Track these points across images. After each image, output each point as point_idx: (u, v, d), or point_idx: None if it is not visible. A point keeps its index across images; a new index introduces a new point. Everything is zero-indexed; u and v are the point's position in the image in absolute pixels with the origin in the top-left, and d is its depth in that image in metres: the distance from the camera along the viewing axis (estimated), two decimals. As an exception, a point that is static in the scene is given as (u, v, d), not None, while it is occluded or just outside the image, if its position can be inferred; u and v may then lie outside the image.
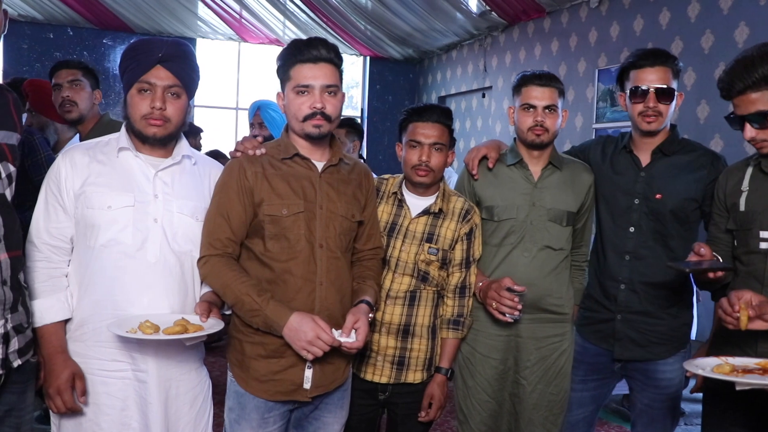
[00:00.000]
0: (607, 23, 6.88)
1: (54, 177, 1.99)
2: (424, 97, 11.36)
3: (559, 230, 2.52)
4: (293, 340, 1.94)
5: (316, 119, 2.06)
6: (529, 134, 2.48)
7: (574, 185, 2.54)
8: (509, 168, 2.55)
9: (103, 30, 9.96)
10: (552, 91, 2.47)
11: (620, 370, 2.55)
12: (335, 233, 2.12)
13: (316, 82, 2.05)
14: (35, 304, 1.93)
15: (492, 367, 2.53)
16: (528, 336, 2.52)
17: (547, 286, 2.49)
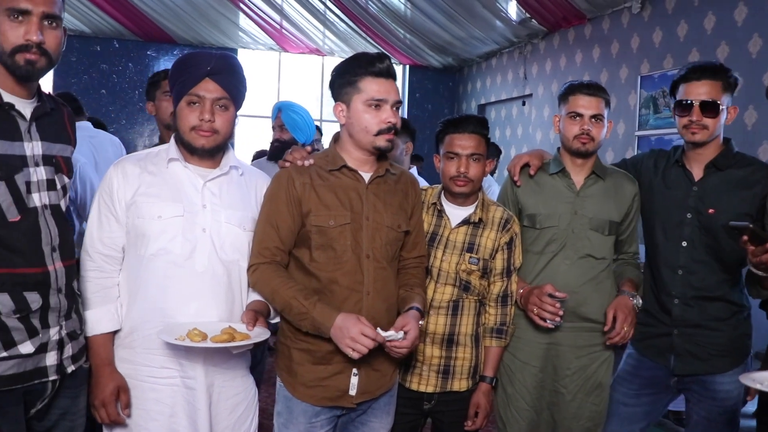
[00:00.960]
0: (649, 29, 6.78)
1: (106, 187, 2.04)
2: (463, 106, 11.34)
3: (601, 239, 2.51)
4: (339, 338, 1.95)
5: (390, 134, 2.10)
6: (575, 142, 2.47)
7: (617, 195, 2.53)
8: (552, 177, 2.56)
9: (147, 42, 10.18)
10: (599, 100, 2.48)
11: (676, 384, 2.50)
12: (381, 243, 2.14)
13: (389, 96, 2.08)
14: (86, 314, 1.98)
15: (531, 374, 2.52)
16: (567, 344, 2.51)
17: (587, 295, 2.48)
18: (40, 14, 1.71)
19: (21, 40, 1.70)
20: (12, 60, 1.71)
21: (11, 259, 1.72)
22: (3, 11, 1.69)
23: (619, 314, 2.42)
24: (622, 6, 7.17)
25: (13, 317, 1.72)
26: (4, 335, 1.71)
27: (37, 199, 1.79)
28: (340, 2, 8.76)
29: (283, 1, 8.96)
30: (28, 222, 1.76)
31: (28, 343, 1.75)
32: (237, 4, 9.20)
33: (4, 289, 1.70)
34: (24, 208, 1.75)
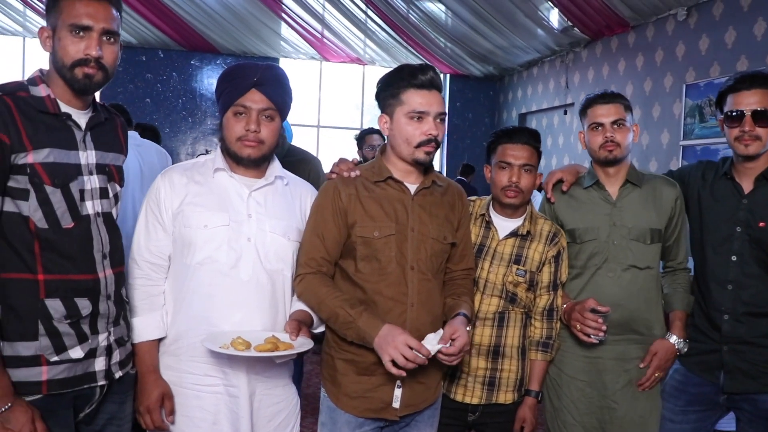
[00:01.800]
0: (695, 36, 6.66)
1: (154, 196, 2.07)
2: (504, 115, 11.28)
3: (644, 249, 2.46)
4: (381, 349, 1.93)
5: (430, 146, 2.09)
6: (601, 152, 2.46)
7: (657, 201, 2.49)
8: (587, 190, 2.54)
9: (191, 51, 10.37)
10: (617, 106, 2.46)
11: (726, 401, 2.43)
12: (426, 255, 2.13)
13: (431, 109, 2.07)
14: (133, 321, 2.02)
15: (578, 389, 2.49)
16: (615, 357, 2.46)
17: (635, 307, 2.43)
18: (100, 30, 1.78)
19: (81, 55, 1.76)
20: (71, 73, 1.77)
21: (64, 266, 1.77)
22: (65, 27, 1.75)
23: (656, 359, 2.42)
24: (666, 13, 7.07)
25: (64, 322, 1.76)
26: (56, 340, 1.75)
27: (90, 206, 1.84)
28: (381, 11, 8.81)
29: (325, 11, 9.05)
30: (81, 229, 1.81)
31: (78, 349, 1.79)
32: (279, 14, 9.31)
33: (57, 295, 1.75)
34: (77, 216, 1.80)
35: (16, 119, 1.70)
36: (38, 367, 1.73)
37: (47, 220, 1.74)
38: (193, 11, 9.02)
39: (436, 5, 8.64)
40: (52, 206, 1.75)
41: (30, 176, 1.71)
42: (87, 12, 1.76)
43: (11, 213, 1.72)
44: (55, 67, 1.80)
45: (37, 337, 1.73)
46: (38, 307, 1.73)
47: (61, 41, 1.76)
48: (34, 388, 1.73)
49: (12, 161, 1.69)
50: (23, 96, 1.75)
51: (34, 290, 1.73)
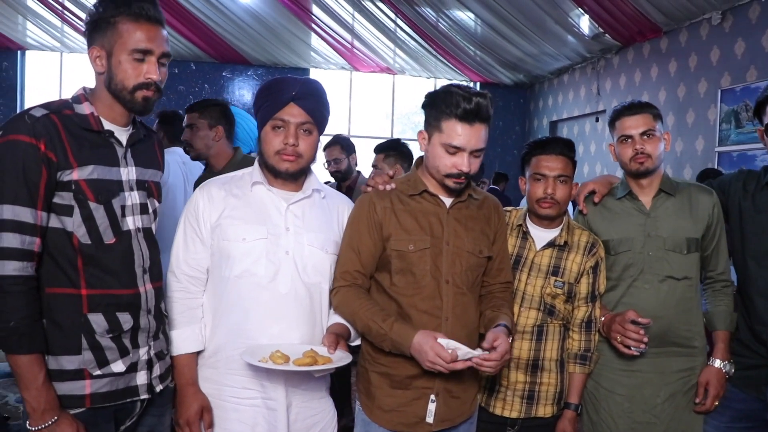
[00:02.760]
0: (730, 40, 6.56)
1: (192, 210, 2.09)
2: (534, 122, 11.21)
3: (681, 259, 2.41)
4: (419, 359, 1.93)
5: (459, 180, 2.07)
6: (632, 164, 2.42)
7: (693, 209, 2.43)
8: (620, 201, 2.50)
9: (222, 63, 10.49)
10: (645, 117, 2.42)
11: None
12: (462, 269, 2.11)
13: (468, 145, 2.02)
14: (172, 334, 2.03)
15: (616, 403, 2.43)
16: (655, 371, 2.41)
17: (674, 318, 2.38)
18: (159, 54, 1.84)
19: (142, 79, 1.81)
20: (132, 96, 1.82)
21: (106, 281, 1.80)
22: (125, 51, 1.79)
23: (711, 389, 2.37)
24: (700, 17, 6.97)
25: (106, 337, 1.79)
26: (99, 354, 1.78)
27: (131, 222, 1.87)
28: (411, 20, 8.82)
29: (354, 21, 9.09)
30: (123, 244, 1.84)
31: (120, 362, 1.82)
32: (309, 24, 9.38)
33: (99, 310, 1.78)
34: (119, 231, 1.83)
35: (62, 137, 1.74)
36: (82, 380, 1.76)
37: (90, 236, 1.77)
38: (224, 23, 9.13)
39: (466, 13, 8.64)
40: (95, 222, 1.78)
41: (74, 193, 1.75)
42: (148, 37, 1.81)
43: (56, 229, 1.75)
44: (109, 88, 1.82)
45: (81, 351, 1.76)
46: (81, 321, 1.76)
47: (121, 64, 1.79)
48: (78, 401, 1.76)
49: (58, 178, 1.73)
50: (68, 114, 1.79)
51: (77, 305, 1.76)
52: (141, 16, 1.79)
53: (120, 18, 1.78)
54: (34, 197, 1.69)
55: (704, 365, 2.43)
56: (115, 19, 1.78)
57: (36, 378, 1.68)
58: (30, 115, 1.73)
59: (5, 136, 1.70)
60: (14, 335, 1.66)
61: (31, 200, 1.69)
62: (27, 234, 1.68)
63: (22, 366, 1.68)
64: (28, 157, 1.68)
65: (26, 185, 1.68)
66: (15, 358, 1.68)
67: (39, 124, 1.71)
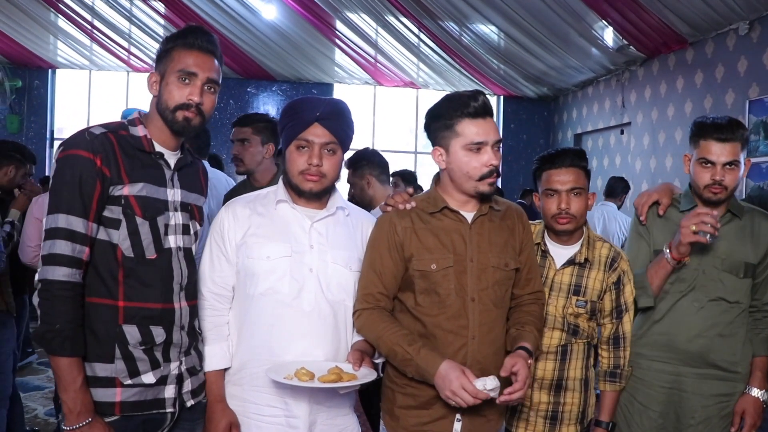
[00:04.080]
0: (759, 50, 6.48)
1: (218, 228, 2.11)
2: (559, 135, 11.15)
3: (735, 282, 2.34)
4: (441, 388, 1.90)
5: (492, 178, 2.04)
6: (706, 192, 2.33)
7: (755, 235, 2.36)
8: (683, 213, 2.39)
9: (247, 79, 10.59)
10: (734, 146, 2.28)
11: None
12: (488, 285, 2.08)
13: (489, 138, 2.01)
14: (205, 351, 2.07)
15: (650, 419, 2.40)
16: (693, 391, 2.36)
17: (718, 341, 2.32)
18: (205, 79, 1.94)
19: (184, 99, 1.91)
20: (173, 115, 1.92)
21: (143, 294, 1.88)
22: (174, 73, 1.92)
23: (749, 419, 2.32)
24: (727, 28, 6.90)
25: (138, 348, 1.86)
26: (130, 365, 1.86)
27: (173, 240, 1.96)
28: (434, 35, 8.84)
29: (378, 36, 9.13)
30: (163, 261, 1.92)
31: (150, 374, 1.89)
32: (333, 40, 9.44)
33: (134, 322, 1.86)
34: (161, 248, 1.92)
35: (117, 154, 1.85)
36: (113, 388, 1.84)
37: (134, 250, 1.86)
38: (249, 39, 9.22)
39: (489, 27, 8.63)
40: (139, 237, 1.87)
41: (123, 207, 1.85)
42: (196, 62, 1.92)
43: (103, 241, 1.84)
44: (158, 109, 1.94)
45: (113, 360, 1.84)
46: (116, 332, 1.84)
47: (168, 86, 1.92)
48: (109, 408, 1.83)
49: (110, 192, 1.83)
50: (124, 134, 1.91)
51: (113, 315, 1.84)
52: (194, 45, 1.93)
53: (176, 47, 1.94)
54: (88, 209, 1.80)
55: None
56: (172, 49, 1.94)
57: (75, 381, 1.75)
58: (90, 132, 1.86)
59: (66, 150, 1.82)
60: (58, 337, 1.73)
61: (84, 211, 1.79)
62: (78, 243, 1.78)
63: (63, 368, 1.75)
64: (85, 171, 1.79)
65: (81, 197, 1.79)
66: (57, 360, 1.75)
67: (97, 141, 1.83)
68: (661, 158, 8.05)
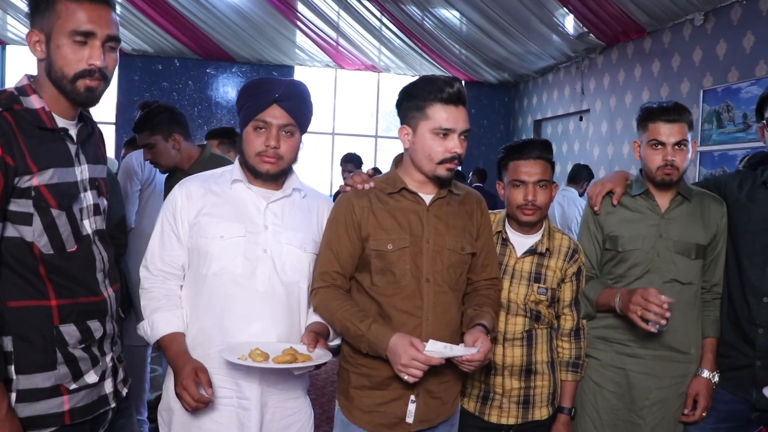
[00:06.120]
0: (713, 41, 6.61)
1: (170, 207, 2.07)
2: (519, 121, 11.25)
3: (687, 263, 2.39)
4: (393, 363, 1.90)
5: (453, 164, 2.04)
6: (659, 173, 2.36)
7: (704, 217, 2.41)
8: (635, 198, 2.45)
9: (206, 60, 10.43)
10: (682, 126, 2.34)
11: (759, 418, 2.36)
12: (443, 267, 2.09)
13: (458, 126, 2.02)
14: (154, 319, 2.00)
15: (605, 399, 2.43)
16: (648, 373, 2.40)
17: (673, 322, 2.33)
18: (104, 37, 1.64)
19: (84, 65, 1.63)
20: (72, 86, 1.64)
21: (73, 289, 1.68)
22: (64, 33, 1.60)
23: (702, 401, 2.36)
24: (683, 18, 7.02)
25: (78, 348, 1.69)
26: (73, 367, 1.68)
27: (88, 225, 1.75)
28: (396, 18, 8.81)
29: (339, 19, 9.07)
30: (83, 251, 1.72)
31: (92, 373, 1.74)
32: (294, 22, 9.35)
33: (71, 320, 1.67)
34: (79, 237, 1.71)
35: (18, 138, 1.57)
36: (59, 397, 1.65)
37: (52, 245, 1.64)
38: (209, 20, 9.08)
39: (451, 12, 8.64)
40: (57, 230, 1.64)
41: (35, 200, 1.60)
42: (90, 17, 1.61)
43: (12, 238, 1.60)
44: (50, 77, 1.64)
45: (56, 366, 1.64)
46: (53, 334, 1.64)
47: (60, 48, 1.60)
48: (57, 419, 1.65)
49: (15, 184, 1.57)
50: (19, 110, 1.61)
51: (47, 317, 1.63)
52: None
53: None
54: None
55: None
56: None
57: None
58: None
59: None
60: None
61: None
62: None
63: None
64: None
65: None
66: None
67: None
68: (618, 145, 8.18)
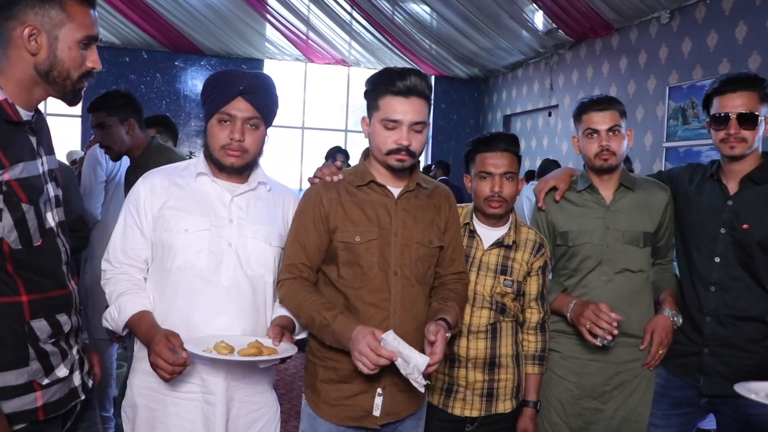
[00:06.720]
0: (678, 39, 6.71)
1: (134, 200, 2.04)
2: (489, 116, 11.31)
3: (637, 252, 2.47)
4: (351, 351, 1.88)
5: (401, 155, 2.03)
6: (597, 160, 2.45)
7: (649, 205, 2.49)
8: (580, 193, 2.53)
9: (175, 53, 10.32)
10: (613, 113, 2.45)
11: (707, 404, 2.43)
12: (411, 260, 2.09)
13: (405, 117, 2.01)
14: (121, 302, 1.96)
15: (566, 389, 2.49)
16: (606, 360, 2.46)
17: (626, 310, 2.41)
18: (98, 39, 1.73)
19: (86, 68, 1.71)
20: (74, 87, 1.70)
21: (43, 284, 1.66)
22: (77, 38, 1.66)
23: (656, 336, 2.41)
24: (650, 16, 7.12)
25: (49, 342, 1.67)
26: (45, 362, 1.66)
27: (51, 218, 1.72)
28: (367, 13, 8.81)
29: (310, 12, 9.04)
30: (48, 244, 1.70)
31: (62, 366, 1.72)
32: (264, 15, 9.29)
33: (41, 315, 1.65)
34: (44, 231, 1.68)
35: None
36: (32, 393, 1.63)
37: (21, 240, 1.60)
38: (177, 12, 8.98)
39: (421, 7, 8.66)
40: (26, 225, 1.61)
41: (6, 195, 1.56)
42: (95, 22, 1.70)
43: None
44: (46, 74, 1.64)
45: (28, 362, 1.62)
46: (25, 330, 1.61)
47: (71, 50, 1.65)
48: (31, 415, 1.62)
49: None
50: None
51: (18, 313, 1.60)
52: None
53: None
54: None
55: None
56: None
57: None
58: None
59: None
60: None
61: None
62: None
63: None
64: None
65: None
66: None
67: None
68: (586, 141, 8.27)
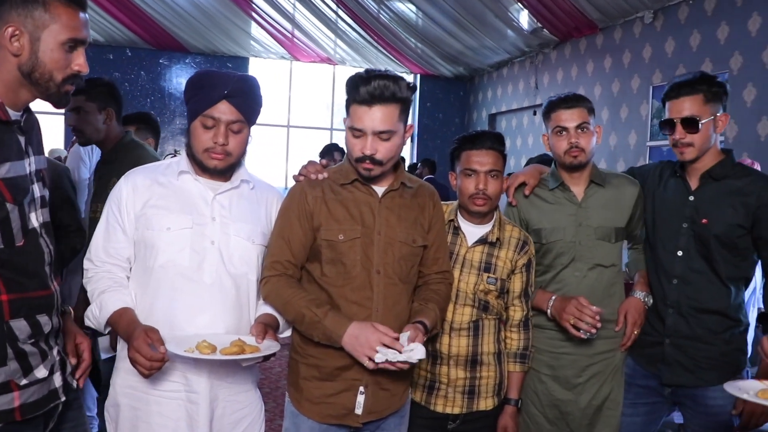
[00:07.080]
0: (662, 39, 6.77)
1: (116, 198, 2.03)
2: (474, 115, 11.34)
3: (609, 247, 2.52)
4: (354, 348, 1.91)
5: (366, 163, 2.04)
6: (566, 157, 2.48)
7: (619, 200, 2.54)
8: (552, 191, 2.56)
9: (159, 50, 10.27)
10: (581, 110, 2.48)
11: (671, 396, 2.49)
12: (394, 259, 2.09)
13: (366, 126, 2.01)
14: (103, 299, 1.96)
15: (541, 382, 2.53)
16: (579, 353, 2.51)
17: (600, 303, 2.44)
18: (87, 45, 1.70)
19: (71, 71, 1.67)
20: (57, 89, 1.67)
21: (24, 284, 1.65)
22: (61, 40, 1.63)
23: (629, 317, 2.49)
24: (634, 16, 7.17)
25: (28, 343, 1.66)
26: (24, 362, 1.65)
27: (35, 218, 1.70)
28: (352, 11, 8.80)
29: (295, 10, 9.02)
30: (31, 244, 1.68)
31: (42, 367, 1.70)
32: (249, 13, 9.26)
33: (21, 315, 1.64)
34: (26, 231, 1.66)
35: None
36: (9, 393, 1.61)
37: (3, 240, 1.59)
38: (162, 9, 8.94)
39: (407, 5, 8.66)
40: (9, 225, 1.60)
41: None
42: (82, 24, 1.66)
43: None
44: (29, 75, 1.63)
45: (6, 362, 1.60)
46: (4, 330, 1.60)
47: (53, 52, 1.62)
48: (7, 416, 1.61)
49: None
50: None
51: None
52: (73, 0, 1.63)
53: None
54: None
55: None
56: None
57: None
58: None
59: None
60: None
61: None
62: None
63: None
64: None
65: None
66: None
67: None
68: (570, 140, 8.32)
